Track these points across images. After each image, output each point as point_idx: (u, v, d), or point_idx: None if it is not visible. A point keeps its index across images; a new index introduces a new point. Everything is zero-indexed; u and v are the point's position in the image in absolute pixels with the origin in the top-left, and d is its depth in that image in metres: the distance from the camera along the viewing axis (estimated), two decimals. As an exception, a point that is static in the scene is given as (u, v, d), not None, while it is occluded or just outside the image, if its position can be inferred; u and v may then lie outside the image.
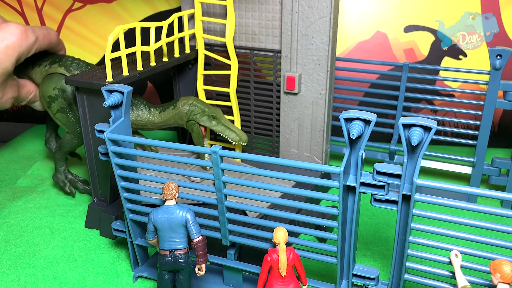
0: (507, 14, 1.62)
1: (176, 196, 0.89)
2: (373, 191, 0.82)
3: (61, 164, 1.40)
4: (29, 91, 1.38)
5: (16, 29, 1.22)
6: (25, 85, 1.37)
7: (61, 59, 1.34)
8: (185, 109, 1.28)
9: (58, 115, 1.32)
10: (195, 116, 1.28)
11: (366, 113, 0.79)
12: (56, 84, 1.30)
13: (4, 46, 1.20)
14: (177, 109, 1.29)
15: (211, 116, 1.29)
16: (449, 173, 1.54)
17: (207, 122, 1.29)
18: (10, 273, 1.11)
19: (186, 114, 1.29)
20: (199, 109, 1.28)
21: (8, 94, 1.29)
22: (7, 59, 1.20)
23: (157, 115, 1.31)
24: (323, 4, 1.24)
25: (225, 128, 1.30)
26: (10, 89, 1.30)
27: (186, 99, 1.30)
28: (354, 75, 1.62)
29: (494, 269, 0.73)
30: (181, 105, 1.29)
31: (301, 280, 0.90)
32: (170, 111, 1.30)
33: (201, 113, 1.28)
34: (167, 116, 1.30)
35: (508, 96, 1.30)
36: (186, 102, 1.29)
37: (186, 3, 1.42)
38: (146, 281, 1.08)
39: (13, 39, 1.21)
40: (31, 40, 1.25)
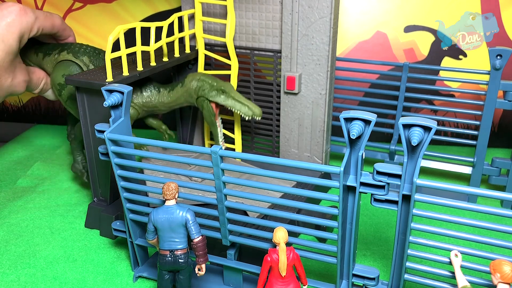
0: (507, 14, 1.62)
1: (176, 196, 0.89)
2: (373, 191, 0.82)
3: (78, 154, 1.40)
4: (39, 77, 1.39)
5: (14, 6, 1.25)
6: (35, 71, 1.38)
7: (70, 46, 1.35)
8: (193, 85, 1.25)
9: (69, 102, 1.31)
10: (204, 91, 1.24)
11: (366, 113, 0.79)
12: (65, 71, 1.30)
13: (5, 24, 1.22)
14: (185, 87, 1.26)
15: (220, 90, 1.24)
16: (449, 173, 1.54)
17: (217, 97, 1.24)
18: (10, 273, 1.11)
19: (194, 90, 1.25)
20: (207, 84, 1.24)
21: (19, 77, 1.30)
22: (10, 36, 1.22)
23: (166, 95, 1.29)
24: (323, 4, 1.24)
25: (236, 102, 1.24)
26: (20, 72, 1.31)
27: (193, 75, 1.27)
28: (354, 75, 1.62)
29: (494, 269, 0.73)
30: (189, 81, 1.26)
31: (301, 280, 0.90)
32: (179, 89, 1.27)
33: (210, 88, 1.24)
34: (176, 95, 1.28)
35: (508, 96, 1.30)
36: (194, 77, 1.26)
37: (186, 3, 1.42)
38: (146, 281, 1.08)
39: (12, 17, 1.23)
40: (30, 17, 1.26)
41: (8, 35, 1.22)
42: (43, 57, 1.38)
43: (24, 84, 1.33)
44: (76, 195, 1.44)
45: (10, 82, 1.27)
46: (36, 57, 1.40)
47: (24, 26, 1.25)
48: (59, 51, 1.35)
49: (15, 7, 1.25)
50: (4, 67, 1.23)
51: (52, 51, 1.37)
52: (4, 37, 1.21)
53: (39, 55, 1.39)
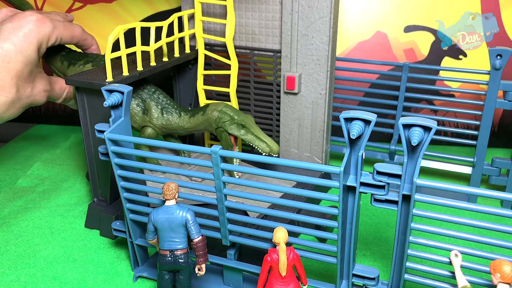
0: (507, 14, 1.62)
1: (176, 196, 0.89)
2: (373, 191, 0.82)
3: None
4: (62, 87, 1.39)
5: (31, 16, 1.25)
6: (57, 81, 1.38)
7: (95, 58, 1.35)
8: (214, 116, 1.24)
9: None
10: (224, 124, 1.23)
11: (366, 113, 0.79)
12: None
13: (23, 34, 1.22)
14: (206, 115, 1.25)
15: (241, 125, 1.23)
16: (449, 173, 1.54)
17: (236, 131, 1.23)
18: (10, 273, 1.11)
19: (215, 120, 1.24)
20: (227, 117, 1.23)
21: (38, 86, 1.29)
22: (29, 47, 1.22)
23: (187, 121, 1.28)
24: (323, 4, 1.24)
25: (255, 138, 1.23)
26: (40, 82, 1.30)
27: (216, 105, 1.25)
28: (354, 75, 1.62)
29: (494, 269, 0.73)
30: (210, 111, 1.24)
31: (301, 280, 0.90)
32: (200, 117, 1.26)
33: (230, 121, 1.23)
34: (196, 122, 1.27)
35: (508, 96, 1.30)
36: (216, 108, 1.24)
37: (186, 3, 1.42)
38: (146, 281, 1.08)
39: (29, 27, 1.23)
40: (48, 27, 1.26)
41: (26, 45, 1.22)
42: (68, 66, 1.38)
43: (44, 94, 1.32)
44: (76, 195, 1.45)
45: (29, 92, 1.27)
46: (61, 64, 1.40)
47: (41, 36, 1.25)
48: (84, 62, 1.35)
49: (33, 17, 1.25)
50: (23, 77, 1.23)
51: (77, 61, 1.37)
52: (23, 48, 1.21)
53: (64, 63, 1.39)
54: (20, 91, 1.24)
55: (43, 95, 1.32)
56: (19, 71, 1.21)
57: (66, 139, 1.86)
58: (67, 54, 1.41)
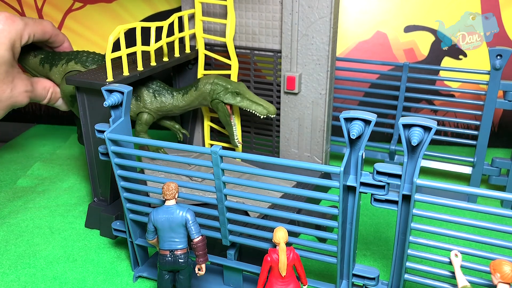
0: (507, 14, 1.62)
1: (176, 196, 0.89)
2: (373, 191, 0.82)
3: None
4: (45, 87, 1.38)
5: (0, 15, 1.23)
6: (39, 81, 1.37)
7: (76, 55, 1.34)
8: (207, 89, 1.26)
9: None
10: (218, 94, 1.25)
11: (366, 113, 0.79)
12: None
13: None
14: (199, 90, 1.27)
15: (235, 93, 1.26)
16: (449, 173, 1.54)
17: (231, 99, 1.26)
18: (10, 273, 1.11)
19: (209, 93, 1.26)
20: (221, 87, 1.26)
21: (19, 87, 1.28)
22: (1, 47, 1.21)
23: (181, 99, 1.29)
24: (323, 4, 1.24)
25: (251, 102, 1.27)
26: (20, 82, 1.29)
27: (207, 78, 1.28)
28: (354, 75, 1.62)
29: (494, 269, 0.73)
30: (203, 85, 1.27)
31: (301, 280, 0.90)
32: (193, 93, 1.28)
33: (224, 91, 1.25)
34: (190, 98, 1.29)
35: (508, 96, 1.30)
36: (207, 81, 1.27)
37: (186, 3, 1.42)
38: (146, 281, 1.08)
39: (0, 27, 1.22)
40: (18, 24, 1.25)
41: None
42: (50, 68, 1.37)
43: (26, 95, 1.31)
44: (76, 195, 1.45)
45: (9, 93, 1.25)
46: (42, 68, 1.38)
47: (13, 34, 1.24)
48: (66, 61, 1.34)
49: (1, 16, 1.23)
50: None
51: (59, 61, 1.35)
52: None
53: (45, 66, 1.38)
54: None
55: (25, 96, 1.31)
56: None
57: (66, 139, 1.86)
58: (46, 56, 1.38)
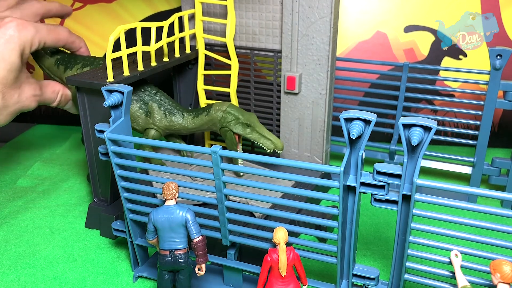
0: (507, 14, 1.62)
1: (176, 196, 0.89)
2: (373, 191, 0.82)
3: None
4: (54, 90, 1.37)
5: (11, 22, 1.23)
6: (49, 84, 1.36)
7: (93, 61, 1.33)
8: (218, 116, 1.25)
9: None
10: (229, 123, 1.24)
11: (366, 113, 0.79)
12: None
13: (4, 41, 1.20)
14: (210, 116, 1.26)
15: (245, 124, 1.24)
16: (449, 173, 1.54)
17: (241, 130, 1.25)
18: (10, 273, 1.11)
19: (219, 120, 1.25)
20: (232, 117, 1.24)
21: (26, 92, 1.27)
22: (11, 53, 1.20)
23: (190, 121, 1.29)
24: (323, 4, 1.24)
25: (260, 136, 1.25)
26: (28, 87, 1.28)
27: (220, 105, 1.26)
28: (354, 75, 1.62)
29: (494, 269, 0.73)
30: (215, 111, 1.26)
31: (301, 280, 0.90)
32: (204, 117, 1.27)
33: (235, 121, 1.24)
34: (200, 122, 1.28)
35: (508, 96, 1.30)
36: (220, 108, 1.26)
37: (186, 3, 1.42)
38: (146, 281, 1.08)
39: (10, 32, 1.21)
40: (29, 31, 1.24)
41: (8, 52, 1.20)
42: (64, 70, 1.36)
43: (34, 99, 1.30)
44: (76, 195, 1.45)
45: (16, 98, 1.25)
46: (57, 69, 1.38)
47: (23, 41, 1.23)
48: (82, 66, 1.33)
49: (13, 22, 1.22)
50: (8, 84, 1.21)
51: (74, 65, 1.35)
52: (5, 55, 1.19)
53: (60, 68, 1.37)
54: (6, 98, 1.22)
55: (33, 100, 1.30)
56: (3, 78, 1.19)
57: (66, 139, 1.86)
58: (63, 58, 1.38)
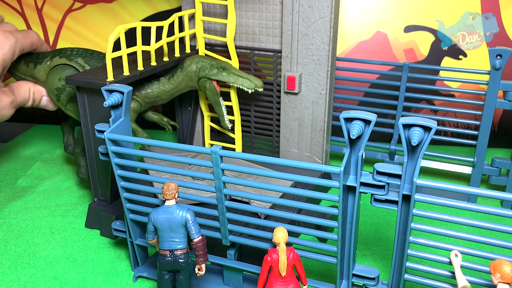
0: (507, 14, 1.62)
1: (176, 196, 0.89)
2: (373, 191, 0.82)
3: (83, 159, 1.39)
4: (25, 89, 1.35)
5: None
6: (19, 85, 1.35)
7: (61, 51, 1.32)
8: (193, 68, 1.28)
9: (69, 106, 1.30)
10: (205, 72, 1.27)
11: (366, 113, 0.79)
12: (60, 75, 1.28)
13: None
14: (184, 71, 1.28)
15: (220, 68, 1.27)
16: (449, 173, 1.54)
17: (218, 75, 1.27)
18: (10, 273, 1.11)
19: (195, 72, 1.28)
20: (207, 64, 1.27)
21: (3, 101, 1.26)
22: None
23: (167, 83, 1.30)
24: (323, 4, 1.24)
25: (238, 76, 1.28)
26: (4, 96, 1.27)
27: (191, 59, 1.30)
28: (354, 75, 1.62)
29: (494, 269, 0.74)
30: (188, 65, 1.29)
31: (301, 280, 0.90)
32: (179, 74, 1.29)
33: (210, 67, 1.27)
34: (177, 80, 1.30)
35: (508, 96, 1.30)
36: (192, 60, 1.29)
37: (186, 3, 1.42)
38: (146, 281, 1.08)
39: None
40: (11, 41, 1.24)
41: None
42: (34, 66, 1.34)
43: (11, 106, 1.29)
44: (76, 195, 1.45)
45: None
46: (26, 67, 1.36)
47: (6, 52, 1.23)
48: (51, 57, 1.32)
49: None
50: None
51: (43, 59, 1.33)
52: None
53: (29, 65, 1.35)
54: None
55: (10, 107, 1.29)
56: None
57: (66, 139, 1.86)
58: (30, 57, 1.36)
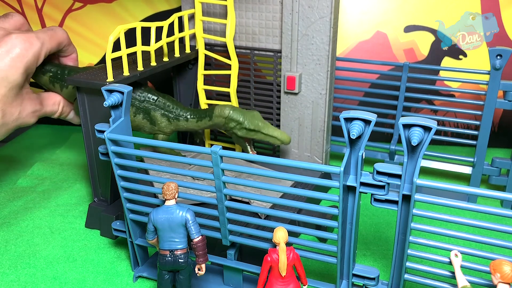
0: (507, 14, 1.62)
1: (176, 196, 0.89)
2: (373, 191, 0.82)
3: None
4: (55, 102, 1.34)
5: (17, 38, 1.18)
6: (49, 97, 1.34)
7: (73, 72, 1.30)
8: (221, 122, 1.25)
9: None
10: (233, 130, 1.24)
11: (366, 113, 0.79)
12: None
13: (9, 59, 1.16)
14: (213, 121, 1.26)
15: (249, 130, 1.24)
16: (449, 173, 1.54)
17: (245, 134, 1.25)
18: (10, 273, 1.11)
19: (223, 125, 1.25)
20: (235, 122, 1.23)
21: (27, 109, 1.24)
22: (15, 72, 1.16)
23: (195, 124, 1.28)
24: (323, 4, 1.24)
25: (265, 136, 1.25)
26: (29, 103, 1.25)
27: (221, 110, 1.24)
28: (354, 75, 1.62)
29: (494, 269, 0.73)
30: (216, 117, 1.25)
31: (301, 280, 0.90)
32: (207, 122, 1.27)
33: (239, 127, 1.24)
34: (204, 125, 1.28)
35: (508, 96, 1.30)
36: (221, 114, 1.24)
37: (186, 3, 1.42)
38: (146, 281, 1.08)
39: (17, 51, 1.17)
40: (36, 47, 1.20)
41: (13, 70, 1.16)
42: (60, 88, 1.34)
43: (34, 115, 1.27)
44: (76, 195, 1.45)
45: (16, 116, 1.21)
46: (53, 86, 1.35)
47: (30, 59, 1.19)
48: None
49: (19, 39, 1.17)
50: (8, 102, 1.17)
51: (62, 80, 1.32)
52: (8, 73, 1.15)
53: (56, 86, 1.34)
54: (6, 116, 1.19)
55: (32, 116, 1.27)
56: (4, 96, 1.16)
57: (66, 139, 1.86)
58: (55, 75, 1.34)
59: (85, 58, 1.88)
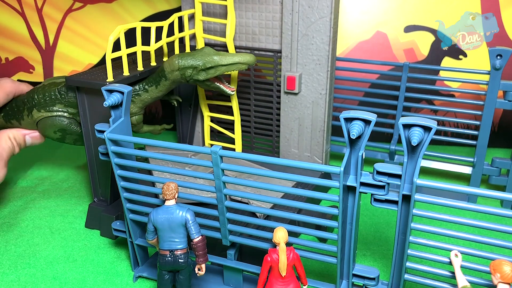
0: (507, 14, 1.62)
1: (176, 196, 0.89)
2: (373, 191, 0.82)
3: None
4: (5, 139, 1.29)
5: None
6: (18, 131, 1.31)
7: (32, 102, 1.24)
8: (177, 76, 1.18)
9: (78, 143, 1.29)
10: (192, 78, 1.17)
11: (366, 113, 0.79)
12: (54, 128, 1.25)
13: None
14: (170, 79, 1.19)
15: (206, 69, 1.16)
16: (449, 173, 1.54)
17: (205, 75, 1.17)
18: (10, 273, 1.11)
19: (181, 77, 1.18)
20: (190, 69, 1.15)
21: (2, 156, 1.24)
22: None
23: (156, 91, 1.22)
24: (323, 4, 1.24)
25: (227, 66, 1.17)
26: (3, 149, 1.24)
27: (169, 65, 1.17)
28: (354, 75, 1.62)
29: (494, 269, 0.73)
30: (169, 72, 1.17)
31: (301, 280, 0.90)
32: (165, 83, 1.20)
33: (195, 72, 1.16)
34: (164, 87, 1.21)
35: (508, 96, 1.30)
36: (173, 67, 1.16)
37: (186, 3, 1.42)
38: (146, 281, 1.08)
39: None
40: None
41: None
42: (18, 122, 1.31)
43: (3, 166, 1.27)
44: (76, 195, 1.45)
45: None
46: (11, 125, 1.32)
47: None
48: (28, 111, 1.26)
49: None
50: None
51: (21, 113, 1.28)
52: None
53: (13, 122, 1.31)
54: None
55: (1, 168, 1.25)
56: None
57: (66, 139, 1.86)
58: (6, 114, 1.32)
59: (85, 58, 1.88)
